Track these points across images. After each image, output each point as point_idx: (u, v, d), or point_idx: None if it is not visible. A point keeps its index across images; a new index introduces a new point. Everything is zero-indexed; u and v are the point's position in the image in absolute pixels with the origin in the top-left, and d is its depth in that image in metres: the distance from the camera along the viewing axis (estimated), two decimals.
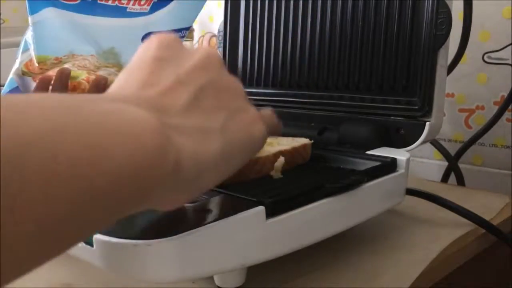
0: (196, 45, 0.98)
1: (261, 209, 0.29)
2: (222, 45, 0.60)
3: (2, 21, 1.36)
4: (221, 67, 0.27)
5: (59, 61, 0.56)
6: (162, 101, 0.22)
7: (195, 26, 0.95)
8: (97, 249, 0.27)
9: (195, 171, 0.22)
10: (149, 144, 0.19)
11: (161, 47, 0.25)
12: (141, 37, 0.59)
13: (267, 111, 0.31)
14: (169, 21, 0.60)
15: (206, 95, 0.25)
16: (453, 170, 0.64)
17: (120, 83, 0.24)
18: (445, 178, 0.65)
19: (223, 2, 0.59)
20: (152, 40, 0.26)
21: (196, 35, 0.96)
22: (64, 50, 0.55)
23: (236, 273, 0.32)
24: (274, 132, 0.32)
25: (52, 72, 0.55)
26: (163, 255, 0.26)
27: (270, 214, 0.30)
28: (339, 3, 0.49)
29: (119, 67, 0.59)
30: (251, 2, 0.57)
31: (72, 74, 0.56)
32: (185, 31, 0.63)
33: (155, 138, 0.19)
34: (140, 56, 0.26)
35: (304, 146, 0.40)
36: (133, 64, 0.25)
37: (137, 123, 0.19)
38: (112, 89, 0.24)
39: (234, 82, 0.27)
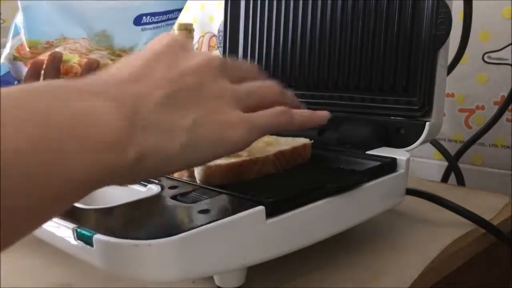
0: (196, 45, 0.99)
1: (261, 209, 0.29)
2: (222, 45, 0.60)
3: (2, 21, 1.36)
4: (218, 75, 0.28)
5: (50, 45, 0.55)
6: (140, 98, 0.24)
7: (195, 26, 0.95)
8: (97, 249, 0.27)
9: (155, 164, 0.25)
10: (107, 148, 0.22)
11: (167, 44, 0.27)
12: (132, 19, 0.58)
13: (272, 112, 0.30)
14: (161, 3, 0.59)
15: (187, 95, 0.26)
16: (453, 170, 0.64)
17: (112, 71, 0.26)
18: (445, 178, 0.65)
19: (223, 2, 0.59)
20: (164, 37, 0.28)
21: (196, 35, 0.96)
22: (55, 33, 0.54)
23: (236, 273, 0.32)
24: (283, 128, 0.31)
25: (44, 56, 0.55)
26: (163, 255, 0.26)
27: (270, 214, 0.30)
28: (339, 3, 0.49)
29: (111, 49, 0.58)
30: (251, 2, 0.57)
31: (64, 57, 0.55)
32: (177, 13, 0.62)
33: (115, 141, 0.22)
34: (146, 49, 0.27)
35: (304, 146, 0.40)
36: (134, 57, 0.27)
37: (103, 126, 0.22)
38: (102, 74, 0.26)
39: (227, 89, 0.28)
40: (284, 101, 0.32)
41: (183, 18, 1.01)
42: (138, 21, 0.58)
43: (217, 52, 0.96)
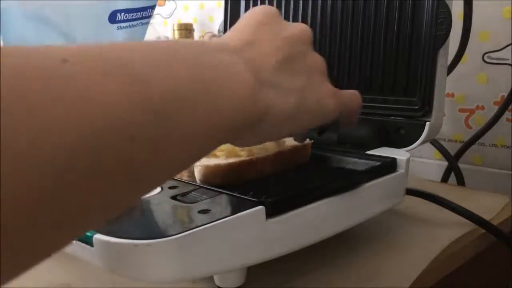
0: None
1: (261, 209, 0.29)
2: None
3: None
4: (310, 44, 0.32)
5: None
6: (259, 60, 0.27)
7: (195, 26, 0.95)
8: (97, 249, 0.27)
9: (275, 120, 0.27)
10: (246, 98, 0.24)
11: (265, 14, 0.30)
12: (107, 16, 0.58)
13: (351, 93, 0.35)
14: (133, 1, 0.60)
15: (293, 62, 0.29)
16: (453, 170, 0.64)
17: (225, 39, 0.29)
18: (445, 178, 0.65)
19: (223, 2, 0.59)
20: (259, 8, 0.31)
21: (196, 35, 0.96)
22: (32, 38, 0.53)
23: (236, 273, 0.32)
24: (350, 113, 0.35)
25: None
26: (163, 255, 0.26)
27: (270, 214, 0.30)
28: (339, 3, 0.49)
29: None
30: (251, 2, 0.57)
31: None
32: (150, 10, 0.62)
33: (250, 93, 0.25)
34: (246, 19, 0.30)
35: (303, 146, 0.40)
36: (239, 25, 0.30)
37: (242, 79, 0.25)
38: (220, 41, 0.29)
39: (319, 59, 0.32)
40: None
41: (183, 18, 1.01)
42: (113, 18, 0.59)
43: None
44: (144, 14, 0.61)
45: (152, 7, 0.62)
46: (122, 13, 0.59)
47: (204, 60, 0.23)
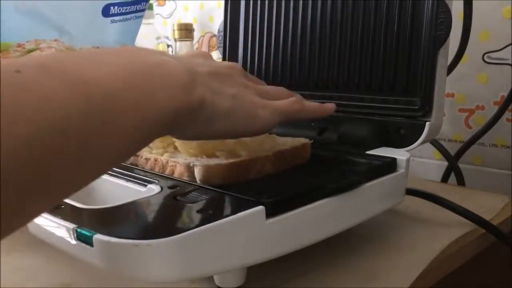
0: (196, 45, 0.99)
1: (261, 209, 0.29)
2: (222, 45, 0.60)
3: None
4: (242, 74, 0.35)
5: (22, 48, 0.54)
6: (194, 66, 0.30)
7: (195, 26, 0.95)
8: (97, 249, 0.27)
9: (210, 115, 0.29)
10: (181, 87, 0.27)
11: (199, 54, 0.34)
12: (100, 10, 0.58)
13: (287, 100, 0.36)
14: None
15: (223, 79, 0.32)
16: (453, 170, 0.64)
17: None
18: (445, 178, 0.65)
19: (223, 2, 0.59)
20: (193, 51, 0.34)
21: (196, 35, 0.96)
22: (24, 33, 0.53)
23: (236, 273, 0.32)
24: (303, 113, 0.37)
25: None
26: (163, 255, 0.26)
27: (270, 214, 0.30)
28: (339, 3, 0.49)
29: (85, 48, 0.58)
30: (251, 2, 0.57)
31: None
32: (144, 4, 0.62)
33: (185, 84, 0.27)
34: (180, 55, 0.34)
35: (303, 146, 0.40)
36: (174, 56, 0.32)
37: (175, 73, 0.27)
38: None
39: (250, 85, 0.34)
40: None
41: (183, 18, 1.01)
42: (106, 12, 0.59)
43: (217, 52, 0.96)
44: (138, 7, 0.61)
45: (146, 0, 0.62)
46: (116, 7, 0.59)
47: (140, 59, 0.26)
